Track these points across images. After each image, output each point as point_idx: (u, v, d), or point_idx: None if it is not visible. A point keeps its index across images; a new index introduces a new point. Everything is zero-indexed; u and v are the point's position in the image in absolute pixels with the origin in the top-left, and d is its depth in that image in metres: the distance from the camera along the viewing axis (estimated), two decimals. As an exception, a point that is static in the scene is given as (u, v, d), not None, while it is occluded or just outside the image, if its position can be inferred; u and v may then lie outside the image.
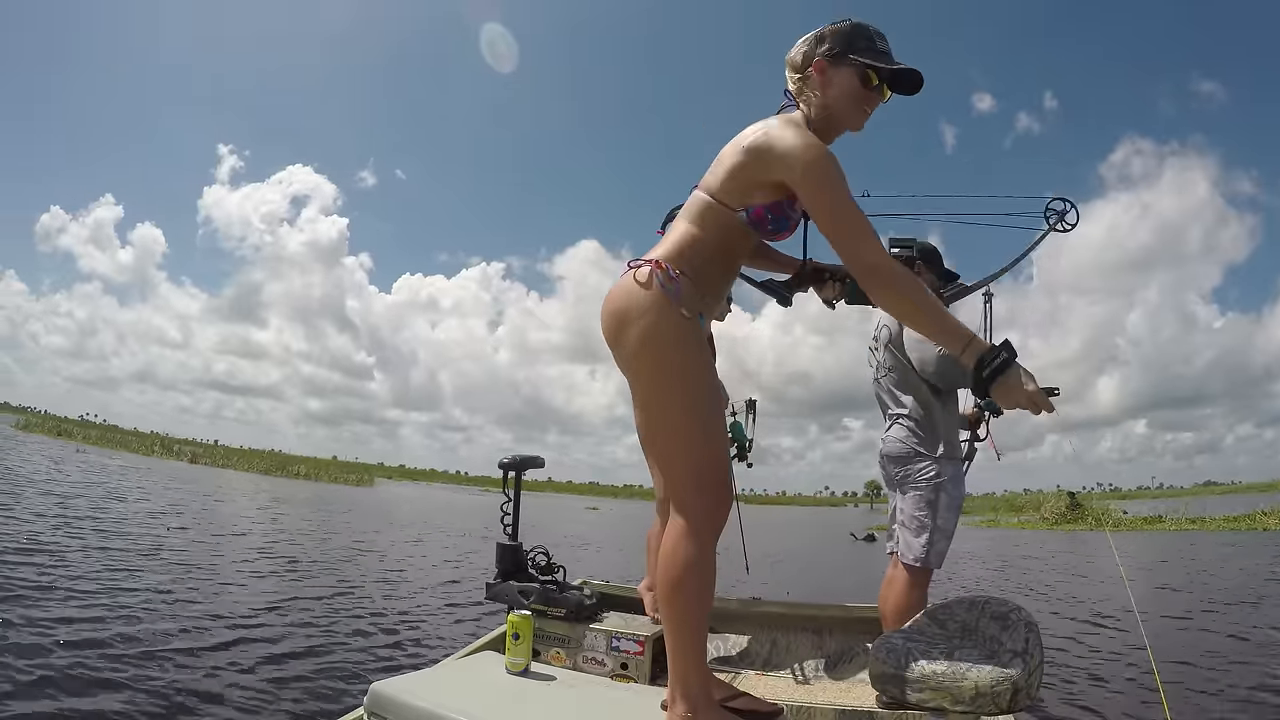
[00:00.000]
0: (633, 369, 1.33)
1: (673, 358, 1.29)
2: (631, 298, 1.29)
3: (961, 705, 1.28)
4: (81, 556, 5.18)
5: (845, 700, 1.92)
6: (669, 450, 1.33)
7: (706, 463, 1.29)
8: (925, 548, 2.11)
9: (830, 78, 1.33)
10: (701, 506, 1.28)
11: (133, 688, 2.61)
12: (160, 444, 39.79)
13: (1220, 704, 3.15)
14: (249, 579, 5.29)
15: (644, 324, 1.27)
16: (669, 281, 1.28)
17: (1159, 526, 20.11)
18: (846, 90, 1.32)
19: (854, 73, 1.32)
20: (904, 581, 2.13)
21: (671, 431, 1.31)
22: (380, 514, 16.39)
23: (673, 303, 1.27)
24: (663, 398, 1.31)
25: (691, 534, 1.26)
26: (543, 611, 2.11)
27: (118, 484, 13.47)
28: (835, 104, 1.33)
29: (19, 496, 8.60)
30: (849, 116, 1.35)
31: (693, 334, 1.31)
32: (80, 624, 3.37)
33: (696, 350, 1.31)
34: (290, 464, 43.60)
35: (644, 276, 1.29)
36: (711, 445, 1.31)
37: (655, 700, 1.36)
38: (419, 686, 1.42)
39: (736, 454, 2.84)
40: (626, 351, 1.31)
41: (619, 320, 1.31)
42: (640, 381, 1.33)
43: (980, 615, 1.44)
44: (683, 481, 1.29)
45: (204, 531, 8.04)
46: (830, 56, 1.33)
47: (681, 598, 1.26)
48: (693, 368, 1.30)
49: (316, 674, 3.06)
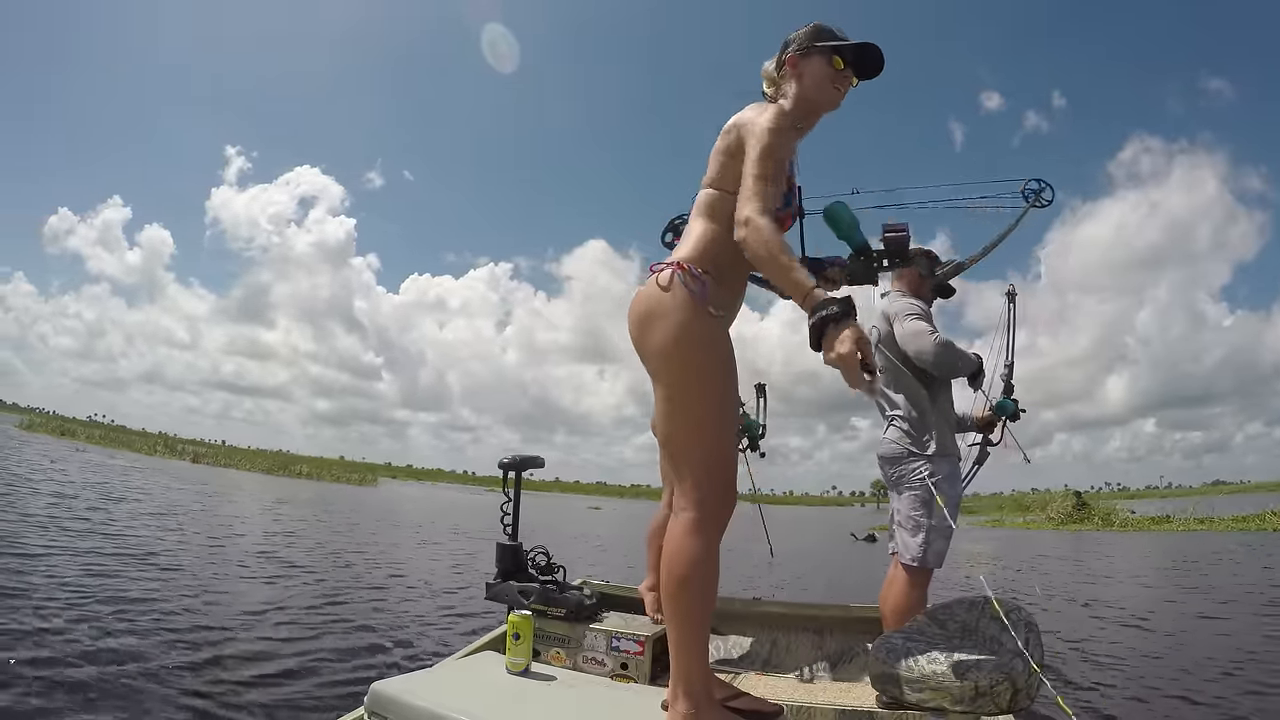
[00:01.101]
0: (660, 370, 1.35)
1: (701, 357, 1.32)
2: (657, 301, 1.32)
3: (961, 705, 1.28)
4: (71, 555, 5.19)
5: (845, 700, 1.91)
6: (687, 447, 1.33)
7: (719, 461, 1.32)
8: (922, 547, 2.11)
9: (803, 69, 1.46)
10: (712, 504, 1.30)
11: (132, 688, 2.61)
12: (163, 443, 39.90)
13: (1219, 704, 3.14)
14: (247, 579, 5.29)
15: (672, 326, 1.30)
16: (693, 282, 1.31)
17: (1166, 527, 19.85)
18: (819, 75, 1.45)
19: (822, 59, 1.45)
20: (903, 581, 2.13)
21: (694, 428, 1.32)
22: (381, 514, 16.41)
23: (699, 303, 1.31)
24: (689, 396, 1.33)
25: (699, 530, 1.28)
26: (543, 611, 2.11)
27: (115, 482, 13.44)
28: (811, 90, 1.46)
29: (8, 496, 8.54)
30: (825, 97, 1.47)
31: (721, 333, 1.35)
32: (79, 624, 3.37)
33: (725, 349, 1.35)
34: (292, 463, 43.68)
35: (666, 280, 1.32)
36: (725, 444, 1.34)
37: (655, 700, 1.36)
38: (419, 686, 1.43)
39: (748, 444, 2.79)
40: (654, 353, 1.34)
41: (645, 323, 1.34)
42: (667, 381, 1.34)
43: (980, 615, 1.44)
44: (696, 478, 1.31)
45: (200, 531, 8.04)
46: (800, 51, 1.47)
47: (686, 594, 1.27)
48: (721, 367, 1.33)
49: (316, 674, 3.05)
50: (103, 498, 10.09)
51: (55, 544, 5.56)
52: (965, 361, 2.28)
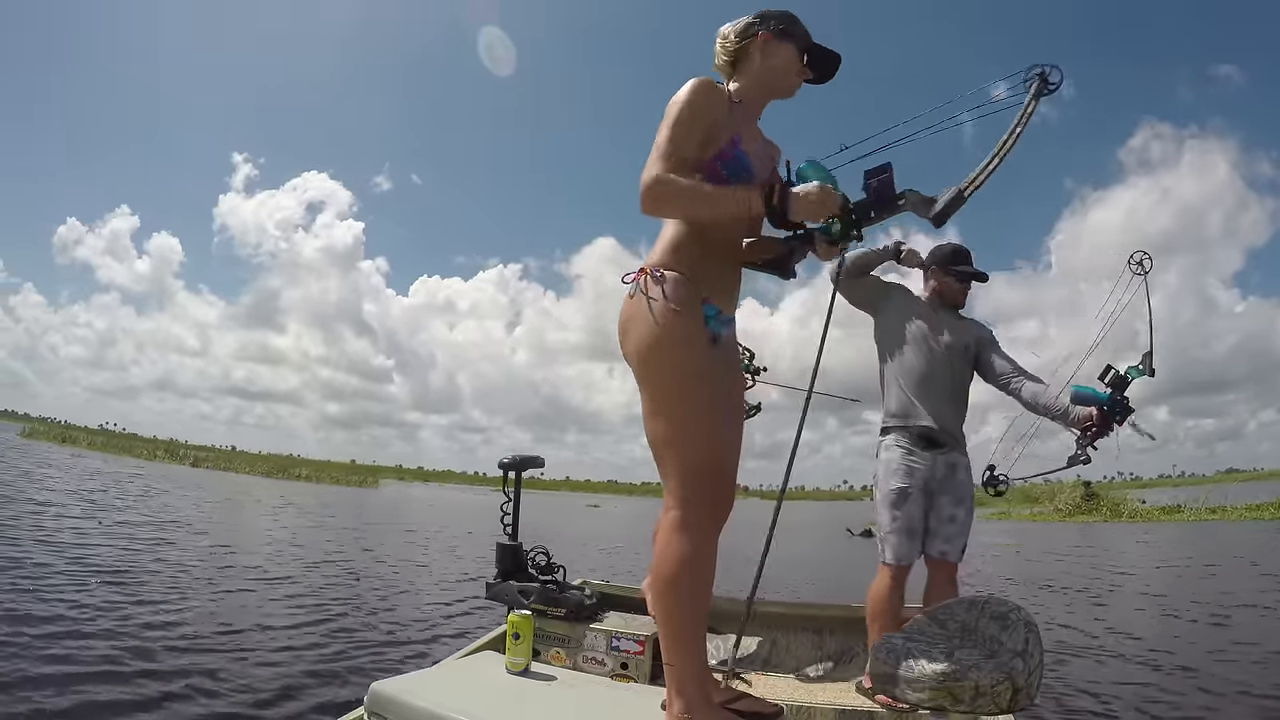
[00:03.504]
0: (639, 373, 1.35)
1: (677, 356, 1.31)
2: (631, 308, 1.34)
3: (961, 705, 1.28)
4: (78, 553, 5.23)
5: (845, 700, 1.91)
6: (670, 447, 1.32)
7: (706, 459, 1.30)
8: (880, 544, 2.12)
9: (774, 49, 1.47)
10: (699, 503, 1.28)
11: (129, 689, 2.62)
12: (164, 449, 40.11)
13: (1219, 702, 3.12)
14: (245, 579, 5.29)
15: (644, 329, 1.31)
16: (653, 284, 1.32)
17: (1177, 517, 19.38)
18: (788, 62, 1.48)
19: (793, 48, 1.47)
20: (877, 578, 2.13)
21: (675, 428, 1.31)
22: (381, 515, 16.37)
23: (664, 303, 1.30)
24: (669, 397, 1.32)
25: (685, 529, 1.26)
26: (543, 611, 2.11)
27: (101, 487, 13.28)
28: (773, 73, 1.48)
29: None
30: (783, 85, 1.50)
31: (694, 330, 1.33)
32: (77, 621, 3.39)
33: (700, 346, 1.33)
34: (293, 466, 43.79)
35: (633, 286, 1.35)
36: (711, 442, 1.32)
37: (655, 700, 1.35)
38: (419, 686, 1.43)
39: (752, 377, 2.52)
40: (632, 357, 1.35)
41: (623, 331, 1.36)
42: (646, 384, 1.34)
43: (980, 615, 1.43)
44: (682, 478, 1.29)
45: (197, 532, 8.07)
46: (776, 32, 1.47)
47: (674, 594, 1.26)
48: (699, 364, 1.32)
49: (316, 674, 3.05)
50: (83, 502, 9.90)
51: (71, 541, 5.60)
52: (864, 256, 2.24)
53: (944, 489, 2.14)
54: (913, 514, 2.10)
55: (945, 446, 2.16)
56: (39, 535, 6.09)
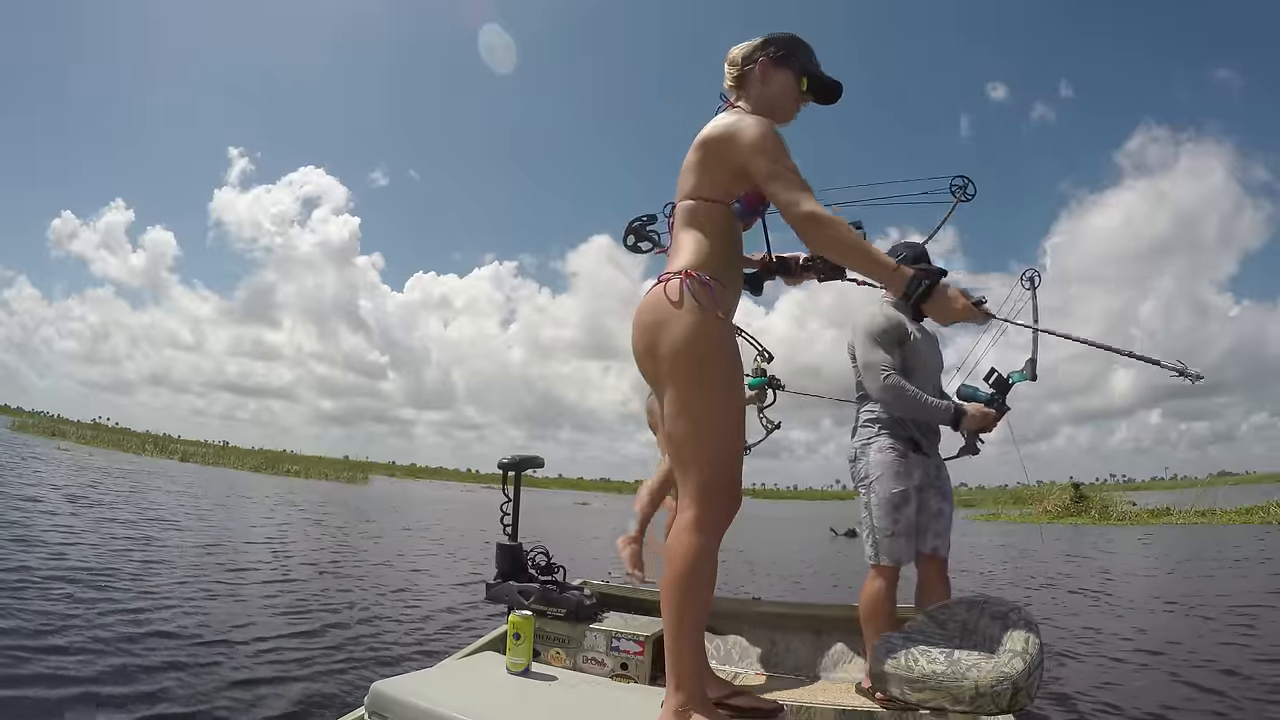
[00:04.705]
0: (673, 372, 1.36)
1: (713, 357, 1.35)
2: (667, 310, 1.36)
3: (961, 705, 1.29)
4: (76, 553, 5.18)
5: (845, 700, 1.92)
6: (697, 446, 1.35)
7: (727, 460, 1.35)
8: (872, 547, 2.10)
9: (773, 76, 1.52)
10: (717, 503, 1.32)
11: (130, 689, 2.60)
12: (152, 443, 39.79)
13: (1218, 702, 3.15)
14: (244, 579, 5.27)
15: (684, 329, 1.33)
16: (701, 288, 1.35)
17: (1166, 520, 19.47)
18: (784, 89, 1.52)
19: (792, 75, 1.52)
20: (868, 579, 2.12)
21: (703, 428, 1.34)
22: (371, 512, 16.28)
23: (709, 308, 1.34)
24: (701, 396, 1.35)
25: (702, 528, 1.30)
26: (543, 612, 2.11)
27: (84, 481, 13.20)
28: (773, 99, 1.52)
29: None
30: (783, 111, 1.54)
31: (731, 335, 1.41)
32: (76, 621, 3.36)
33: (735, 350, 1.40)
34: (283, 462, 43.55)
35: (675, 289, 1.36)
36: (732, 443, 1.37)
37: (655, 700, 1.36)
38: (420, 686, 1.43)
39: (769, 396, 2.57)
40: (665, 361, 1.35)
41: (655, 333, 1.36)
42: (679, 383, 1.36)
43: (980, 615, 1.44)
44: (704, 477, 1.33)
45: (188, 529, 8.01)
46: (775, 58, 1.52)
47: (684, 590, 1.29)
48: (733, 367, 1.38)
49: (316, 674, 3.04)
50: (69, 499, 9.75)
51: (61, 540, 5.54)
52: (928, 410, 2.07)
53: (930, 485, 2.16)
54: (911, 517, 2.10)
55: (932, 445, 2.20)
56: (17, 533, 6.02)
